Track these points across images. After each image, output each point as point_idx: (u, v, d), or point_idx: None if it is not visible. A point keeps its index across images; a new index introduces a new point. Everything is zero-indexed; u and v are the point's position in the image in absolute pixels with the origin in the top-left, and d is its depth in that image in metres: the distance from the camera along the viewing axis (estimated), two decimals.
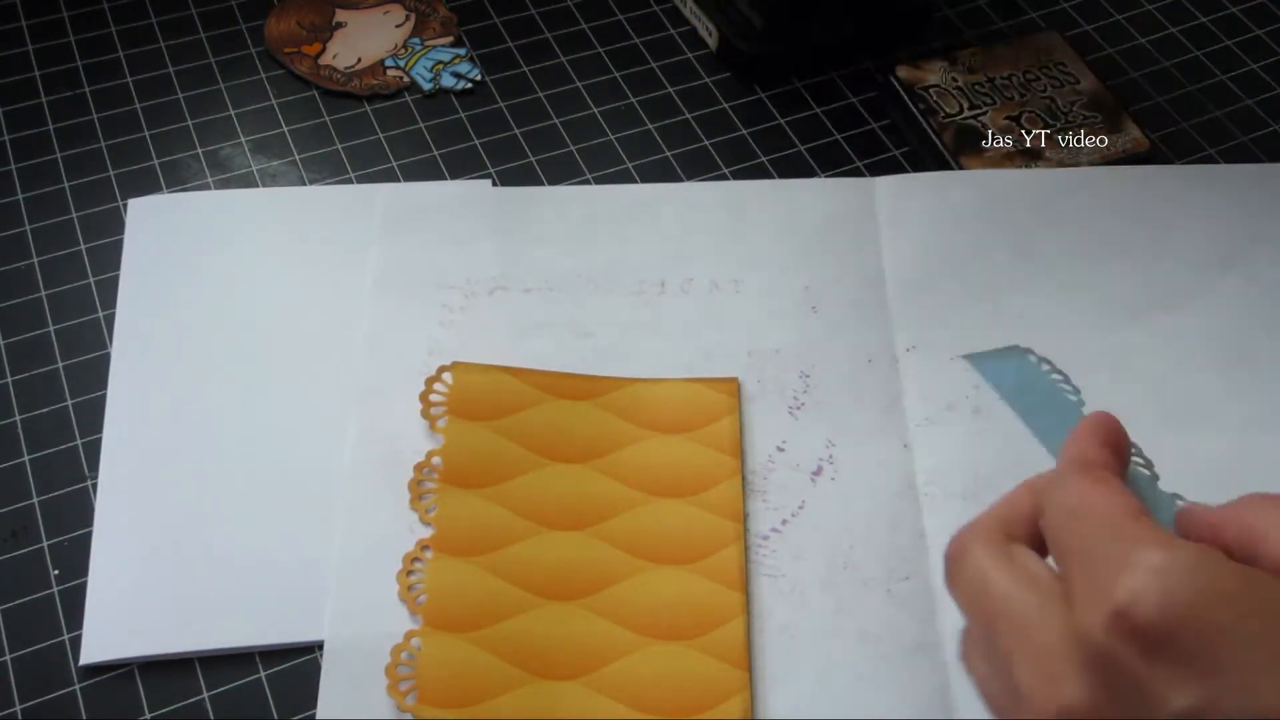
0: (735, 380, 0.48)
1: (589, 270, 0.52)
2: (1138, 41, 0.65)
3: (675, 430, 0.47)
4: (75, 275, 0.52)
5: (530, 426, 0.47)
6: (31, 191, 0.55)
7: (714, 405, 0.48)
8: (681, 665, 0.41)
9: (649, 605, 0.43)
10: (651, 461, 0.46)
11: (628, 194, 0.55)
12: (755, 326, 0.50)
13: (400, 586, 0.43)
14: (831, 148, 0.59)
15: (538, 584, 0.43)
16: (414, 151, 0.57)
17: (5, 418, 0.48)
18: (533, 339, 0.50)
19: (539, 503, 0.45)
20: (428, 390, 0.47)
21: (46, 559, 0.44)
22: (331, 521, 0.45)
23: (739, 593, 0.43)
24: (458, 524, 0.44)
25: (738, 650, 0.42)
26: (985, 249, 0.53)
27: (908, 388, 0.49)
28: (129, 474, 0.46)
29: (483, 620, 0.42)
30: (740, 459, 0.46)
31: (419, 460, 0.46)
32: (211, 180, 0.56)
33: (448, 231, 0.53)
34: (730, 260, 0.53)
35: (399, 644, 0.41)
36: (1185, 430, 0.48)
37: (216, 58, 0.61)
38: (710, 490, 0.45)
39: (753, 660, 0.42)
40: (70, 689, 0.41)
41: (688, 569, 0.43)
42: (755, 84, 0.61)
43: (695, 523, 0.45)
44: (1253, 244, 0.54)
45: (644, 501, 0.45)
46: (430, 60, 0.61)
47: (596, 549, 0.44)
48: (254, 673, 0.42)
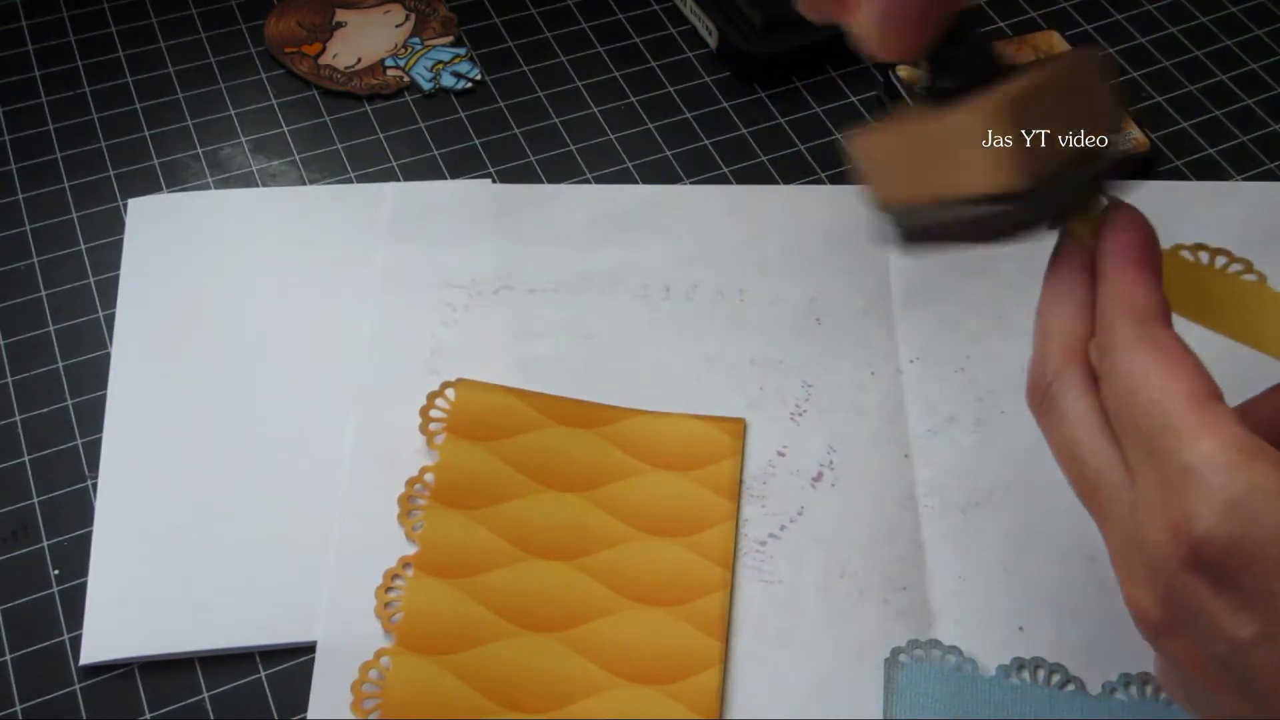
0: (742, 422, 0.48)
1: (594, 272, 0.52)
2: (1138, 41, 0.65)
3: (675, 467, 0.46)
4: (75, 275, 0.52)
5: (528, 451, 0.46)
6: (31, 191, 0.55)
7: (717, 445, 0.47)
8: (651, 710, 0.40)
9: (625, 645, 0.42)
10: (646, 497, 0.45)
11: (635, 195, 0.55)
12: (759, 336, 0.50)
13: (377, 602, 0.42)
14: (832, 148, 0.59)
15: (515, 612, 0.42)
16: (414, 151, 0.57)
17: (5, 418, 0.48)
18: (535, 340, 0.50)
19: (526, 529, 0.44)
20: (428, 405, 0.47)
21: (46, 559, 0.44)
22: (330, 522, 0.45)
23: (718, 641, 0.42)
24: (442, 544, 0.44)
25: (710, 698, 0.41)
26: (991, 261, 0.53)
27: (910, 399, 0.49)
28: (129, 474, 0.46)
29: (455, 644, 0.41)
30: (738, 504, 0.45)
31: (412, 475, 0.45)
32: (211, 180, 0.56)
33: (454, 230, 0.53)
34: (736, 267, 0.52)
35: (368, 661, 0.41)
36: None
37: (216, 58, 0.61)
38: (702, 533, 0.44)
39: (746, 667, 0.42)
40: (70, 689, 0.41)
41: (669, 611, 0.42)
42: (755, 84, 0.61)
43: (683, 565, 0.44)
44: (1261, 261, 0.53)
45: (633, 538, 0.44)
46: (430, 60, 0.61)
47: (579, 582, 0.43)
48: (254, 673, 0.42)
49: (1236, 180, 0.58)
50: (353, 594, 0.43)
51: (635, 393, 0.48)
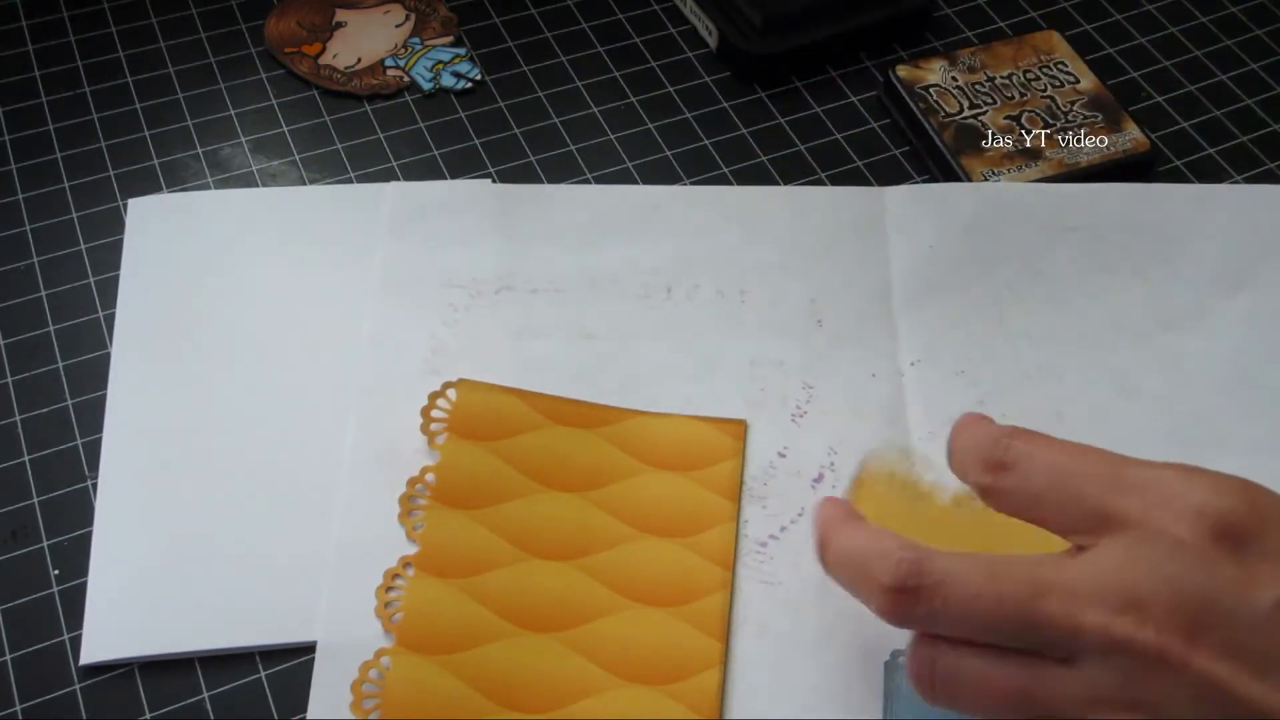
0: (743, 423, 0.47)
1: (595, 272, 0.52)
2: (1138, 41, 0.65)
3: (675, 468, 0.46)
4: (75, 275, 0.52)
5: (529, 451, 0.46)
6: (31, 191, 0.55)
7: (718, 447, 0.47)
8: (651, 710, 0.40)
9: (625, 645, 0.42)
10: (647, 497, 0.45)
11: (636, 195, 0.55)
12: (759, 338, 0.50)
13: (378, 602, 0.42)
14: (831, 147, 0.59)
15: (515, 612, 0.42)
16: (414, 151, 0.57)
17: (5, 418, 0.48)
18: (535, 340, 0.50)
19: (527, 529, 0.44)
20: (429, 406, 0.47)
21: (46, 559, 0.44)
22: (330, 522, 0.45)
23: (719, 642, 0.42)
24: (443, 544, 0.44)
25: (710, 699, 0.41)
26: (993, 263, 0.53)
27: (911, 401, 0.49)
28: (129, 474, 0.46)
29: (455, 645, 0.41)
30: (738, 505, 0.45)
31: (412, 475, 0.45)
32: (211, 180, 0.56)
33: (455, 230, 0.53)
34: (737, 269, 0.52)
35: (368, 661, 0.41)
36: (1191, 452, 0.47)
37: (216, 58, 0.61)
38: (703, 533, 0.44)
39: (746, 668, 0.42)
40: (70, 689, 0.41)
41: (669, 612, 0.42)
42: (755, 84, 0.61)
43: (683, 565, 0.43)
44: (1263, 265, 0.53)
45: (634, 538, 0.44)
46: (430, 60, 0.61)
47: (579, 581, 0.43)
48: (254, 673, 0.42)
49: (1237, 180, 0.58)
50: (353, 594, 0.43)
51: (636, 393, 0.48)
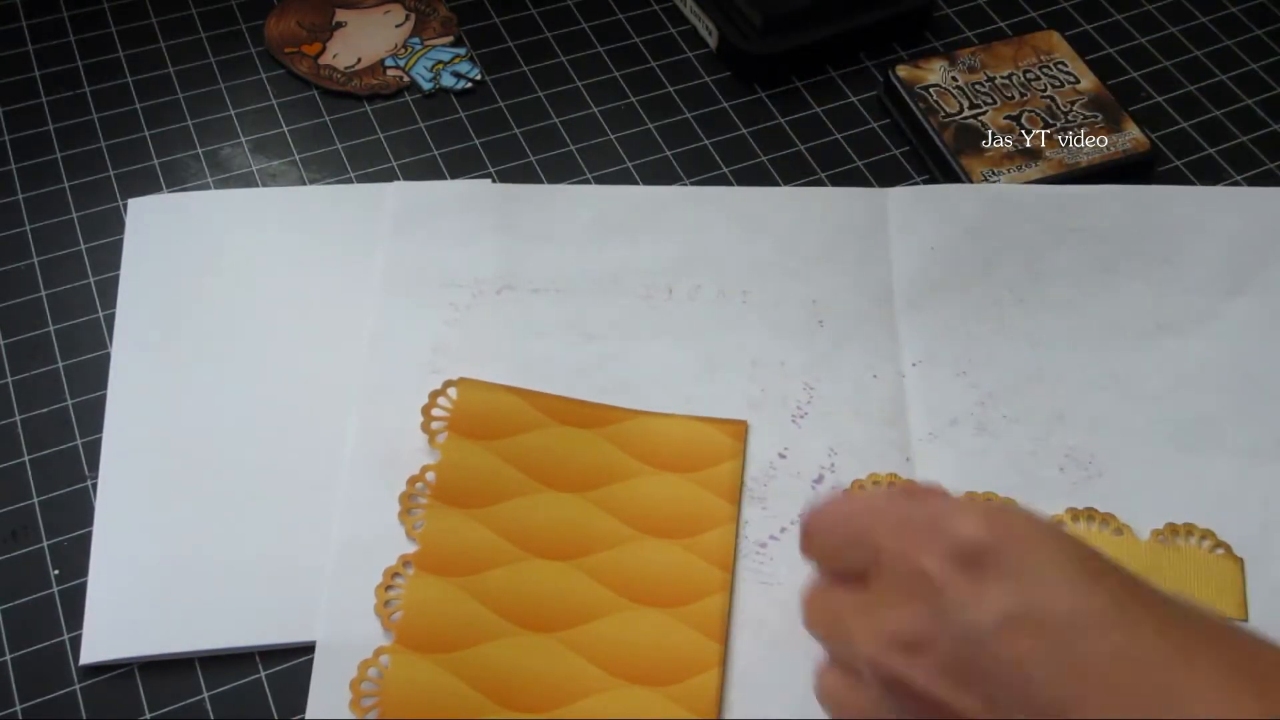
0: (744, 424, 0.47)
1: (596, 272, 0.52)
2: (1138, 41, 0.65)
3: (675, 469, 0.46)
4: (75, 275, 0.52)
5: (529, 451, 0.46)
6: (31, 191, 0.55)
7: (718, 448, 0.47)
8: (650, 711, 0.40)
9: (624, 645, 0.42)
10: (647, 498, 0.45)
11: (637, 196, 0.55)
12: (761, 338, 0.50)
13: (377, 600, 0.42)
14: (831, 147, 0.59)
15: (514, 612, 0.42)
16: (414, 151, 0.57)
17: (5, 418, 0.48)
18: (537, 340, 0.50)
19: (527, 529, 0.44)
20: (430, 404, 0.47)
21: (46, 559, 0.44)
22: (330, 521, 0.44)
23: (718, 643, 0.42)
24: (442, 543, 0.44)
25: (709, 700, 0.41)
26: (994, 265, 0.53)
27: (912, 402, 0.49)
28: (129, 474, 0.46)
29: (455, 643, 0.41)
30: (738, 506, 0.45)
31: (413, 473, 0.45)
32: (211, 180, 0.56)
33: (457, 229, 0.53)
34: (739, 269, 0.52)
35: (367, 659, 0.41)
36: (1192, 453, 0.47)
37: (216, 58, 0.61)
38: (703, 535, 0.44)
39: (745, 669, 0.42)
40: (70, 689, 0.41)
41: (669, 613, 0.42)
42: (755, 84, 0.61)
43: (683, 566, 0.44)
44: (1264, 268, 0.53)
45: (634, 539, 0.44)
46: (430, 60, 0.61)
47: (578, 582, 0.43)
48: (254, 673, 0.42)
49: (1237, 180, 0.58)
50: (353, 592, 0.43)
51: (637, 393, 0.48)
